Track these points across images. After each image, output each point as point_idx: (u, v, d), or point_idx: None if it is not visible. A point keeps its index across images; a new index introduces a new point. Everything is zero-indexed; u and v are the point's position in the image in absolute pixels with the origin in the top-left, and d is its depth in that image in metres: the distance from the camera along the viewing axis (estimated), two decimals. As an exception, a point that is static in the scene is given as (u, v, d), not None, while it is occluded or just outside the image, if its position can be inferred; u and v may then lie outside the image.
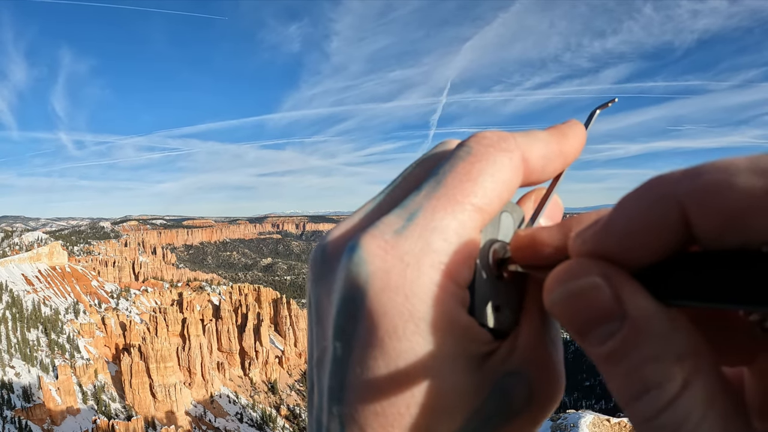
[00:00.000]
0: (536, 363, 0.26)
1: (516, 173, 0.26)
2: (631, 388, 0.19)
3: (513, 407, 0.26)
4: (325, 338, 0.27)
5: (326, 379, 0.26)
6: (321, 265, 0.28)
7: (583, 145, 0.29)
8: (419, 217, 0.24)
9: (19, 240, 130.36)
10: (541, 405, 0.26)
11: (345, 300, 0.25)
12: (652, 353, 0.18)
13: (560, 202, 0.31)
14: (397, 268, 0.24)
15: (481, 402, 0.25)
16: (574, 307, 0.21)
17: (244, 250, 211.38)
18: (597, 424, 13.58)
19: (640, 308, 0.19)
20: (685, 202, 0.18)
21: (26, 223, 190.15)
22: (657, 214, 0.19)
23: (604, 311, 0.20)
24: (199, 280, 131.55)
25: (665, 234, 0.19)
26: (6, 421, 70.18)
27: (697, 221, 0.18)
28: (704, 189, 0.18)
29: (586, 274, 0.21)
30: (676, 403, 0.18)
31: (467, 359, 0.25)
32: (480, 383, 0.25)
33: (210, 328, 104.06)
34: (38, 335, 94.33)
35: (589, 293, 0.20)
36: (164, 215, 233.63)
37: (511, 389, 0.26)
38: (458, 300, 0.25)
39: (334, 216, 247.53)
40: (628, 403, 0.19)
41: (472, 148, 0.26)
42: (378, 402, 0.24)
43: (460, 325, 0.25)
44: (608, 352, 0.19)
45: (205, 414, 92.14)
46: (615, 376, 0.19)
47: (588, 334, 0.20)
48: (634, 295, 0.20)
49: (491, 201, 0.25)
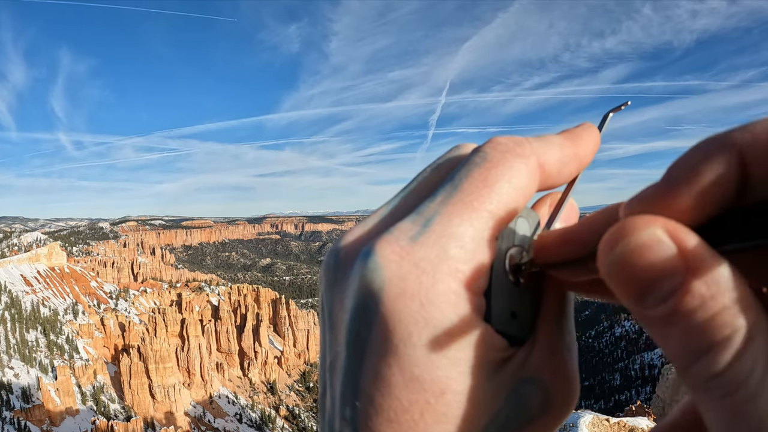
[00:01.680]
0: (552, 370, 0.26)
1: (532, 179, 0.26)
2: (694, 347, 0.18)
3: (529, 414, 0.26)
4: (338, 344, 0.26)
5: (339, 385, 0.26)
6: (334, 271, 0.28)
7: (597, 148, 0.29)
8: (435, 223, 0.24)
9: (18, 241, 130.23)
10: (556, 411, 0.26)
11: (359, 306, 0.25)
12: (718, 307, 0.18)
13: (576, 205, 0.31)
14: (413, 274, 0.24)
15: (497, 409, 0.25)
16: (634, 265, 0.19)
17: (242, 251, 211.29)
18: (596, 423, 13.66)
19: (705, 260, 0.19)
20: (745, 150, 0.18)
21: (25, 224, 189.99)
22: (719, 163, 0.19)
23: (668, 266, 0.19)
24: (198, 281, 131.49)
25: (726, 183, 0.19)
26: (5, 422, 70.07)
27: (755, 165, 0.18)
28: (761, 133, 0.18)
29: (647, 227, 0.19)
30: (742, 357, 0.17)
31: (483, 366, 0.25)
32: (496, 390, 0.25)
33: (209, 329, 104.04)
34: (37, 336, 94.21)
35: (651, 248, 0.19)
36: (163, 216, 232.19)
37: (527, 396, 0.26)
38: (474, 307, 0.25)
39: (333, 216, 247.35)
40: (690, 364, 0.18)
41: (488, 153, 0.26)
42: (392, 409, 0.24)
43: (476, 333, 0.24)
44: (669, 311, 0.18)
45: (205, 414, 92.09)
46: (674, 338, 0.19)
47: (648, 295, 0.19)
48: (697, 248, 0.19)
49: (508, 207, 0.25)
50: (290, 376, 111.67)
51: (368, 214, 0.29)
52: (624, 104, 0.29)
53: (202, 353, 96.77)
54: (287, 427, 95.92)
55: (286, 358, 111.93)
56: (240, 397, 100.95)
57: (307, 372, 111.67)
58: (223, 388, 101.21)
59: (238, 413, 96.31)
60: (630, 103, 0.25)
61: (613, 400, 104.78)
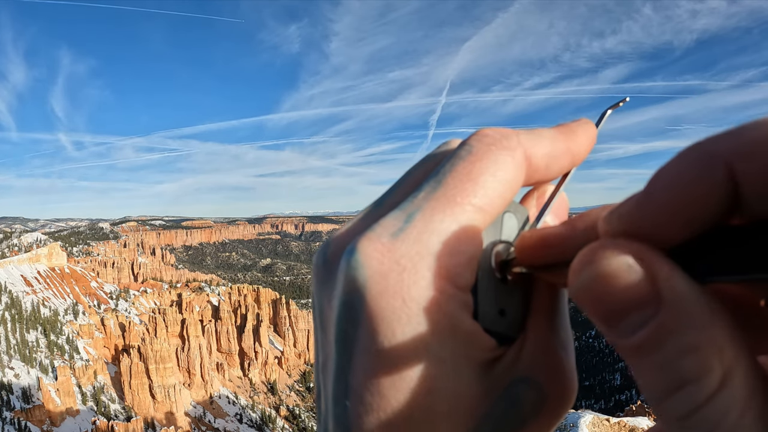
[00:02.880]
0: (546, 368, 0.25)
1: (518, 172, 0.25)
2: (665, 383, 0.17)
3: (523, 413, 0.25)
4: (329, 343, 0.26)
5: (330, 384, 0.26)
6: (323, 269, 0.28)
7: (592, 145, 0.28)
8: (417, 218, 0.24)
9: (18, 241, 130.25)
10: (551, 411, 0.25)
11: (344, 305, 0.24)
12: (691, 343, 0.16)
13: (567, 199, 0.30)
14: (394, 272, 0.23)
15: (489, 408, 0.24)
16: (602, 292, 0.18)
17: (243, 251, 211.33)
18: (596, 423, 13.66)
19: (678, 292, 0.17)
20: (732, 160, 0.16)
21: (25, 224, 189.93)
22: (702, 176, 0.17)
23: (637, 296, 0.17)
24: (198, 281, 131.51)
25: (712, 198, 0.17)
26: (5, 423, 70.13)
27: (746, 179, 0.16)
28: (753, 143, 0.16)
29: (617, 254, 0.18)
30: (715, 399, 0.16)
31: (470, 365, 0.24)
32: (487, 389, 0.24)
33: (209, 329, 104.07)
34: (37, 336, 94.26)
35: (620, 276, 0.18)
36: (163, 216, 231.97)
37: (520, 395, 0.25)
38: (460, 304, 0.24)
39: (333, 216, 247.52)
40: (661, 399, 0.17)
41: (473, 146, 0.25)
42: (380, 408, 0.23)
43: (463, 330, 0.24)
44: (640, 342, 0.17)
45: (205, 415, 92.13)
46: (646, 371, 0.17)
47: (618, 323, 0.18)
48: (671, 278, 0.17)
49: (492, 201, 0.24)
50: (290, 376, 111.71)
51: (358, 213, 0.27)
52: (623, 100, 0.28)
53: (203, 353, 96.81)
54: (287, 427, 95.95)
55: (286, 358, 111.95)
56: (240, 398, 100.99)
57: (307, 372, 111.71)
58: (224, 389, 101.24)
59: (239, 413, 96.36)
60: (629, 100, 0.24)
61: (614, 400, 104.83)
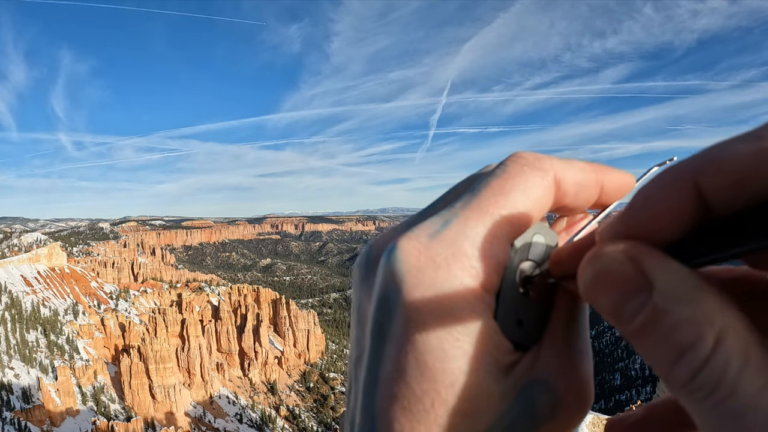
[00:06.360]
0: (561, 373, 0.27)
1: (547, 192, 0.28)
2: (667, 356, 0.20)
3: (537, 415, 0.26)
4: (365, 337, 0.29)
5: (363, 377, 0.28)
6: (365, 268, 0.31)
7: (627, 188, 0.30)
8: (453, 223, 0.27)
9: (18, 241, 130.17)
10: (566, 417, 0.27)
11: (381, 297, 0.27)
12: (682, 317, 0.19)
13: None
14: (430, 268, 0.26)
15: (506, 408, 0.26)
16: (602, 287, 0.22)
17: (243, 251, 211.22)
18: (596, 423, 13.65)
19: (665, 276, 0.20)
20: (697, 176, 0.20)
21: (25, 224, 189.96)
22: (674, 189, 0.21)
23: (631, 285, 0.21)
24: (198, 281, 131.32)
25: (684, 207, 0.21)
26: (5, 423, 70.02)
27: (710, 189, 0.20)
28: (711, 161, 0.20)
29: (610, 252, 0.22)
30: (711, 361, 0.18)
31: (492, 363, 0.26)
32: (505, 389, 0.26)
33: (209, 329, 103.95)
34: (37, 336, 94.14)
35: (614, 270, 0.22)
36: (163, 216, 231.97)
37: (534, 399, 0.26)
38: (486, 304, 0.26)
39: (333, 216, 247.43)
40: (667, 372, 0.20)
41: (508, 166, 0.28)
42: (406, 397, 0.25)
43: (486, 327, 0.26)
44: (641, 325, 0.20)
45: (205, 415, 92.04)
46: (650, 349, 0.20)
47: (621, 314, 0.21)
48: (657, 265, 0.21)
49: (521, 215, 0.27)
50: (290, 376, 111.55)
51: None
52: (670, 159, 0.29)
53: (203, 353, 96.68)
54: (287, 427, 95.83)
55: (286, 358, 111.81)
56: (240, 398, 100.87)
57: (307, 372, 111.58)
58: (224, 389, 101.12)
59: (239, 413, 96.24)
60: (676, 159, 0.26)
61: (614, 400, 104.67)
